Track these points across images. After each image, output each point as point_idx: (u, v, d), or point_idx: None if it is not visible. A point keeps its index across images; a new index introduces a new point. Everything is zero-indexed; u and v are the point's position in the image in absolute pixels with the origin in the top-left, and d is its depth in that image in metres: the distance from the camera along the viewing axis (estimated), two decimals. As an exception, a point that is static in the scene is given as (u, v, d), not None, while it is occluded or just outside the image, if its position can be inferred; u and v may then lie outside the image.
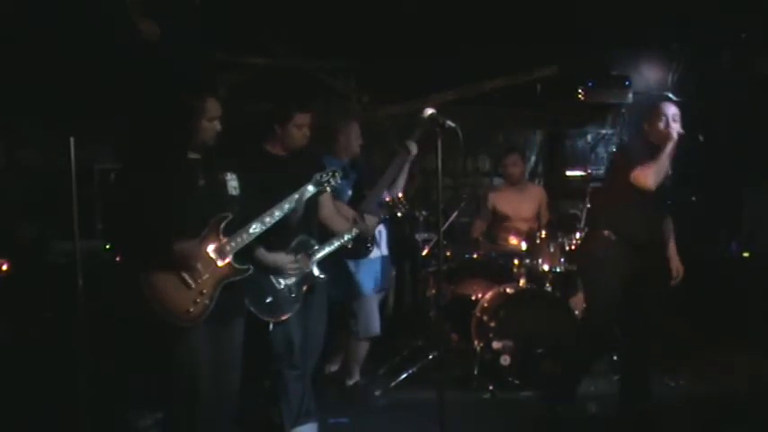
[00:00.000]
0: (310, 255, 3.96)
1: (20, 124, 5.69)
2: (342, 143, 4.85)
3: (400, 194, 4.78)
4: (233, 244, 3.35)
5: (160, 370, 3.41)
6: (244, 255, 3.44)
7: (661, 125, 4.36)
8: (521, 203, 5.91)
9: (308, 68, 6.36)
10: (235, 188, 3.42)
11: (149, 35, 5.29)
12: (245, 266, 3.38)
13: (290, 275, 3.87)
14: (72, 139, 3.63)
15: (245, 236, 3.39)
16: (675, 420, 4.62)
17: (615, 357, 5.62)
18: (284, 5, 5.66)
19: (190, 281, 3.24)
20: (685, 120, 4.33)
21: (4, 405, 4.23)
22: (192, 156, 3.36)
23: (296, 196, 3.63)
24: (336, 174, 3.78)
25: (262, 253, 3.75)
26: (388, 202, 4.67)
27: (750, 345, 5.67)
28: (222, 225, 3.33)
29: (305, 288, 3.95)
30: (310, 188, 3.69)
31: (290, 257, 3.86)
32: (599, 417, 4.60)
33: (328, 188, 3.76)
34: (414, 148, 4.79)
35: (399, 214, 4.59)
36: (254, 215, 3.46)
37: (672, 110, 4.42)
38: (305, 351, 4.02)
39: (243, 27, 5.72)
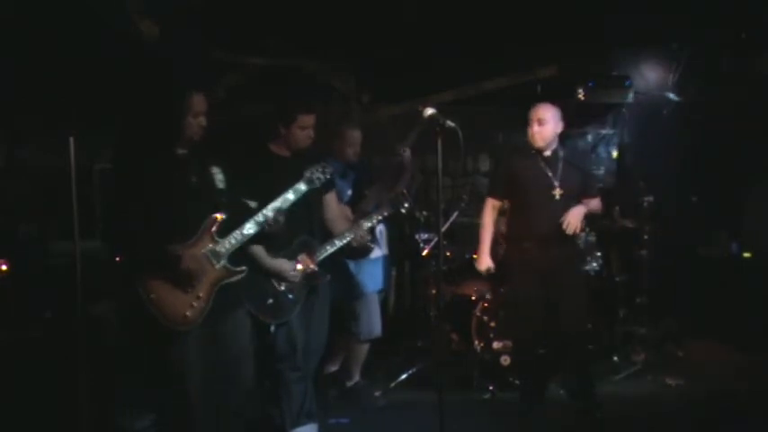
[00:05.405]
0: (313, 255, 3.95)
1: (20, 124, 5.68)
2: (337, 148, 4.83)
3: (404, 191, 4.77)
4: (227, 246, 3.33)
5: (158, 371, 3.40)
6: (243, 256, 3.43)
7: None
8: None
9: (308, 68, 6.35)
10: (221, 181, 3.39)
11: (149, 35, 5.29)
12: (241, 268, 3.37)
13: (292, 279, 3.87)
14: (72, 139, 3.63)
15: (239, 236, 3.37)
16: (675, 420, 4.62)
17: (615, 358, 5.63)
18: (284, 5, 5.65)
19: (185, 285, 3.23)
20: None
21: (4, 405, 4.22)
22: (180, 152, 3.34)
23: (289, 194, 3.62)
24: (327, 168, 3.74)
25: (263, 257, 3.74)
26: (392, 198, 4.66)
27: (750, 345, 5.66)
28: (215, 227, 3.31)
29: (309, 286, 3.95)
30: (302, 185, 3.66)
31: (292, 265, 3.86)
32: (598, 416, 4.59)
33: (318, 183, 3.73)
34: (407, 154, 4.83)
35: (403, 211, 4.58)
36: (252, 215, 3.44)
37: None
38: (307, 352, 4.02)
39: (243, 27, 5.71)
